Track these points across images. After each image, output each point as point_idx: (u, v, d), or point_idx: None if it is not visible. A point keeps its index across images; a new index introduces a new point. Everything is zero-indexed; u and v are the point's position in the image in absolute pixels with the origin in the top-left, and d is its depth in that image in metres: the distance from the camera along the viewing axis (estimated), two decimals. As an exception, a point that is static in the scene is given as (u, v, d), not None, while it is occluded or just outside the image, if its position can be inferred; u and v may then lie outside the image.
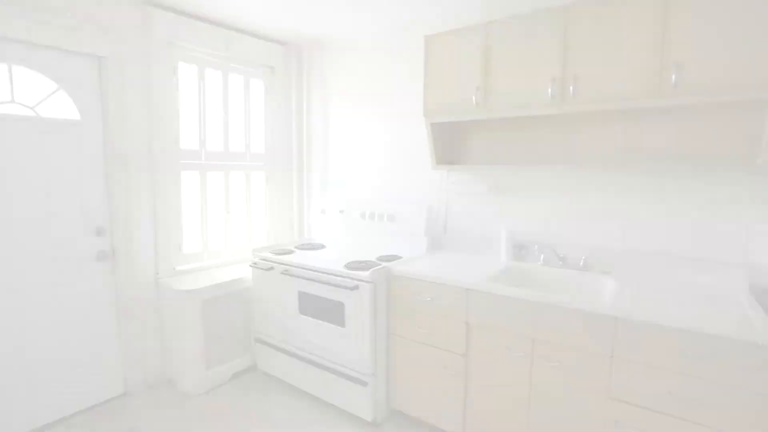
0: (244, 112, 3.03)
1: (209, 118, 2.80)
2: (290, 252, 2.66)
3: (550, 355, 1.74)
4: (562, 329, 1.68)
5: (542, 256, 2.19)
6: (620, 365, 1.58)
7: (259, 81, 3.11)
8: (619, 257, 2.06)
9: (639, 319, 1.52)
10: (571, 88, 1.84)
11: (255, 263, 2.62)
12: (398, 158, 2.80)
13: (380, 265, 2.22)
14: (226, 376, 2.67)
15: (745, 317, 1.47)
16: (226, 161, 2.93)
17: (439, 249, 2.62)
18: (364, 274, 2.12)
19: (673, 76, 1.62)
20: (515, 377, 1.84)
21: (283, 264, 2.49)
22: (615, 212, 2.09)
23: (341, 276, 2.22)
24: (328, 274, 2.27)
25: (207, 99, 2.78)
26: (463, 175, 2.54)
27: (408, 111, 2.70)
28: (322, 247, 2.82)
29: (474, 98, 2.10)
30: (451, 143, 2.53)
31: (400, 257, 2.40)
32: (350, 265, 2.25)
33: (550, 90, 1.89)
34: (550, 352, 1.73)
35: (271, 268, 2.54)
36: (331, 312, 2.29)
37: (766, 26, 1.48)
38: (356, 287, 2.14)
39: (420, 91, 2.38)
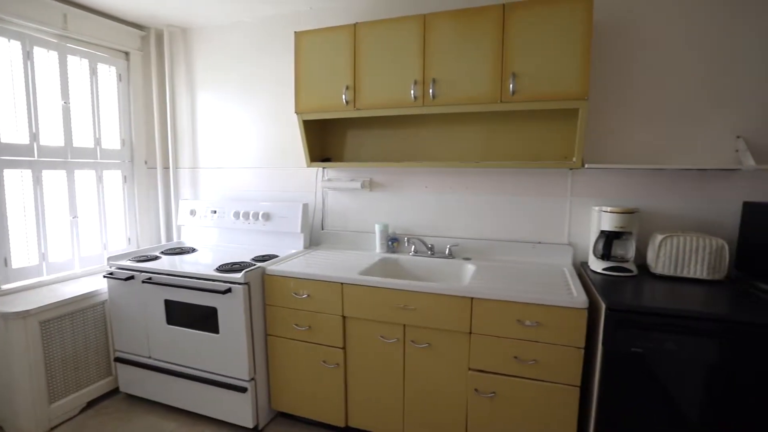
0: (91, 101, 2.65)
1: (43, 107, 2.40)
2: (155, 258, 2.43)
3: (420, 338, 1.88)
4: (429, 313, 1.83)
5: (413, 247, 2.35)
6: (477, 339, 1.78)
7: (112, 67, 2.75)
8: (478, 245, 2.31)
9: (490, 297, 1.73)
10: (430, 91, 2.00)
11: (111, 273, 2.33)
12: (274, 155, 2.74)
13: (255, 265, 2.15)
14: (78, 407, 2.32)
15: (568, 287, 1.77)
16: (69, 158, 2.53)
17: (317, 246, 2.64)
18: (237, 275, 2.03)
19: (511, 85, 1.88)
20: (390, 362, 1.95)
21: (145, 271, 2.26)
22: (474, 205, 2.34)
23: (212, 280, 2.10)
24: (197, 278, 2.13)
25: (39, 85, 2.37)
26: (338, 172, 2.59)
27: (282, 107, 2.66)
28: (193, 250, 2.63)
29: (344, 97, 2.15)
30: (325, 140, 2.56)
31: (277, 256, 2.35)
32: (222, 268, 2.14)
33: (412, 92, 2.03)
34: (420, 335, 1.88)
35: (131, 278, 2.28)
36: (203, 319, 2.15)
37: (571, 52, 1.79)
38: (229, 290, 2.04)
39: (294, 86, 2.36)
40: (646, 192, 2.06)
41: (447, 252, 2.29)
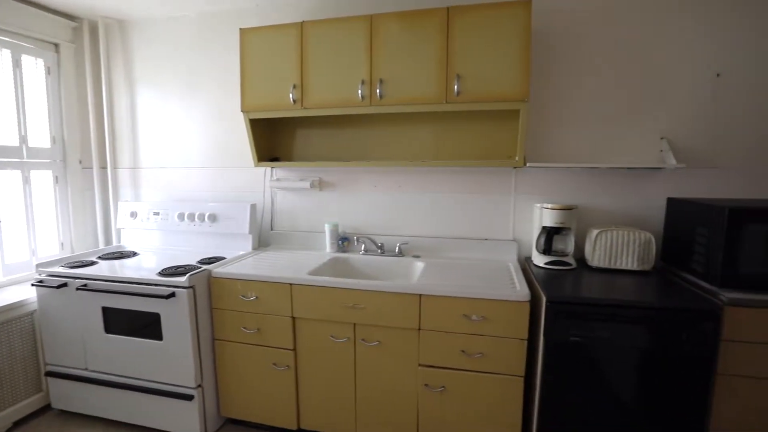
0: (15, 96, 2.45)
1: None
2: (91, 264, 2.28)
3: (370, 336, 1.89)
4: (379, 311, 1.84)
5: (363, 246, 2.36)
6: (426, 335, 1.81)
7: (39, 60, 2.56)
8: (428, 242, 2.36)
9: (438, 293, 1.77)
10: (378, 90, 2.01)
11: (41, 281, 2.17)
12: (220, 154, 2.65)
13: (200, 268, 2.07)
14: (2, 428, 2.14)
15: (512, 282, 1.84)
16: (-11, 157, 2.33)
17: (266, 247, 2.59)
18: (181, 279, 1.95)
19: (456, 86, 1.92)
20: (341, 362, 1.94)
21: (80, 278, 2.12)
22: (423, 204, 2.38)
23: (154, 284, 2.00)
24: (138, 284, 2.02)
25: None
26: (287, 172, 2.55)
27: (229, 105, 2.59)
28: (134, 254, 2.49)
29: (291, 96, 2.12)
30: (273, 139, 2.51)
31: (225, 258, 2.28)
32: (166, 272, 2.05)
33: (360, 91, 2.03)
34: (371, 333, 1.88)
35: (64, 285, 2.13)
36: (145, 326, 2.05)
37: (512, 56, 1.86)
38: (172, 295, 1.96)
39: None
40: (584, 189, 2.18)
41: (397, 250, 2.31)
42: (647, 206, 2.13)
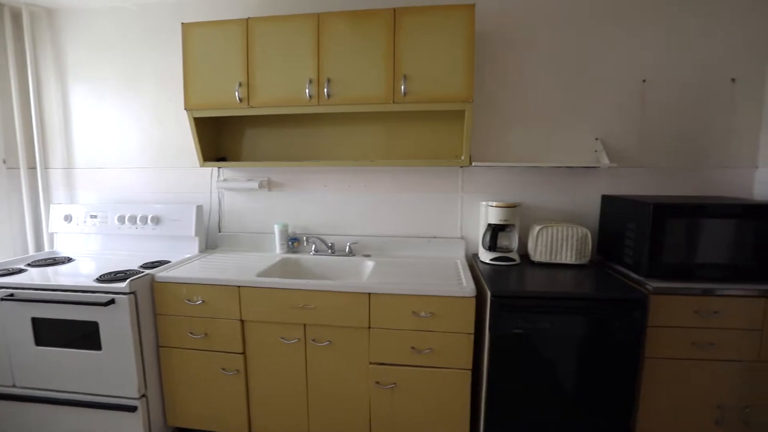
0: (-75, 90, 2.23)
1: None
2: (19, 271, 2.12)
3: (321, 337, 1.88)
4: (329, 311, 1.84)
5: (313, 246, 2.34)
6: (376, 333, 1.83)
7: (-49, 50, 2.34)
8: (378, 241, 2.38)
9: (387, 291, 1.79)
10: (325, 90, 2.00)
11: (-41, 292, 1.99)
12: (163, 154, 2.54)
13: (142, 273, 1.98)
14: None
15: (459, 278, 1.90)
16: None
17: (213, 249, 2.51)
18: (121, 285, 1.86)
19: (402, 87, 1.95)
20: (292, 364, 1.92)
21: (5, 287, 1.96)
22: (373, 203, 2.39)
23: (91, 291, 1.89)
24: (73, 291, 1.90)
25: None
26: (235, 172, 2.49)
27: (172, 102, 2.48)
28: (69, 260, 2.34)
29: (237, 94, 2.07)
30: (220, 139, 2.44)
31: (169, 262, 2.19)
32: (104, 278, 1.94)
33: (308, 90, 2.01)
34: (321, 333, 1.88)
35: (-13, 295, 1.97)
36: (81, 336, 1.93)
37: (457, 57, 1.91)
38: (112, 302, 1.86)
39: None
40: (527, 187, 2.28)
41: (347, 250, 2.32)
42: (584, 203, 2.25)
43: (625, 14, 2.12)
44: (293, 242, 2.39)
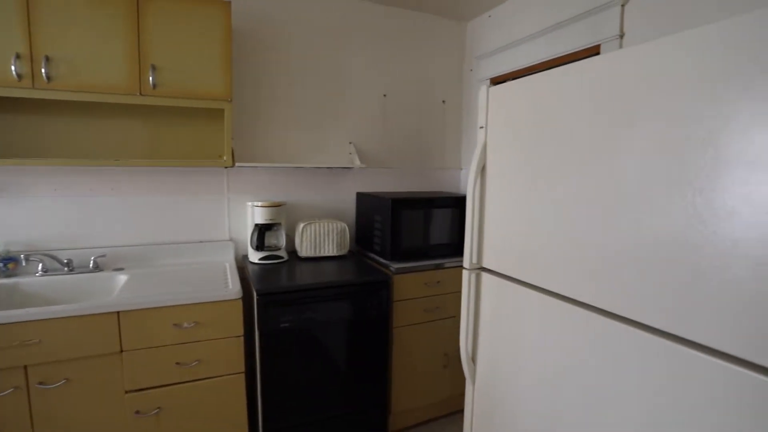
0: None
1: None
2: None
3: (52, 377, 1.53)
4: (62, 342, 1.51)
5: (40, 266, 1.87)
6: (130, 357, 1.61)
7: None
8: (135, 251, 2.08)
9: (140, 306, 1.59)
10: (43, 70, 1.62)
11: None
12: None
13: None
14: None
15: (226, 282, 1.85)
16: None
17: None
18: None
19: (151, 78, 1.76)
20: (8, 425, 1.50)
21: None
22: (125, 209, 2.08)
23: None
24: None
25: None
26: None
27: None
28: None
29: None
30: None
31: None
32: None
33: (14, 68, 1.59)
34: (52, 372, 1.53)
35: None
36: None
37: (213, 54, 1.85)
38: None
39: None
40: (292, 187, 2.40)
41: (92, 265, 1.95)
42: (343, 200, 2.53)
43: (368, 38, 2.47)
44: (7, 264, 1.84)
